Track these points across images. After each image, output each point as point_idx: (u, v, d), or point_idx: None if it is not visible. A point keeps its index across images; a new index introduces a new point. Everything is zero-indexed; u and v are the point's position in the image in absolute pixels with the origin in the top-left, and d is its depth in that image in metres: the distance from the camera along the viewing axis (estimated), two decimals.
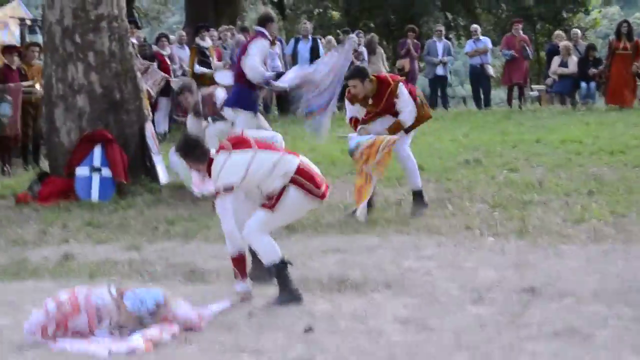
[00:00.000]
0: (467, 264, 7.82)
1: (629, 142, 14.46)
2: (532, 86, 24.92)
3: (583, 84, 20.29)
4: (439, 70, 22.20)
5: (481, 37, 22.41)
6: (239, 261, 6.86)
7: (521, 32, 22.17)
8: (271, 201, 6.80)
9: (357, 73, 9.84)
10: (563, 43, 20.96)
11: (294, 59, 21.15)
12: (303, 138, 13.98)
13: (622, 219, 9.24)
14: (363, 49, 21.48)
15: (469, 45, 22.81)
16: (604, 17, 45.99)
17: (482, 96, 22.23)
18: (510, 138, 15.22)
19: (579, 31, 23.73)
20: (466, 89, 32.12)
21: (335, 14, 35.73)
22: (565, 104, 20.67)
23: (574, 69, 20.42)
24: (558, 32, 23.59)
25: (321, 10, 35.65)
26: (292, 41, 22.13)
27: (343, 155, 13.23)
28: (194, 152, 6.96)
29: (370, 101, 9.81)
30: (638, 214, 9.40)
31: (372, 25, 33.58)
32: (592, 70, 20.09)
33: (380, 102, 9.77)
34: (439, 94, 22.74)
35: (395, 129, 9.73)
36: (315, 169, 7.01)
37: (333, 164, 13.00)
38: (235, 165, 6.73)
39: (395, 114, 9.79)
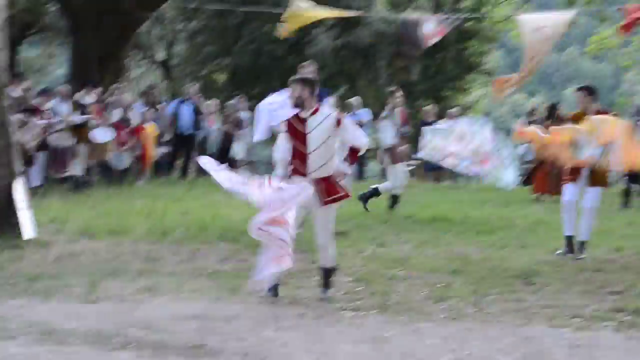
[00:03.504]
0: (326, 336, 7.83)
1: (496, 223, 14.83)
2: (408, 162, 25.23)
3: None
4: None
5: (357, 112, 22.68)
6: None
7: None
8: None
9: None
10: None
11: (175, 120, 21.18)
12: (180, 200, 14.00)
13: (483, 298, 9.40)
14: (245, 115, 21.64)
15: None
16: (485, 97, 47.15)
17: (355, 168, 22.43)
18: (381, 213, 15.43)
19: (454, 110, 24.11)
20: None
21: (221, 78, 35.81)
22: (439, 181, 21.04)
23: None
24: (427, 107, 23.91)
25: (207, 72, 35.68)
26: (174, 102, 22.10)
27: (213, 221, 13.29)
28: None
29: None
30: (499, 294, 9.58)
31: (256, 91, 33.79)
32: None
33: None
34: None
35: None
36: None
37: (204, 228, 12.98)
38: None
39: None
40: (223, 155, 21.57)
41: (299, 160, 9.15)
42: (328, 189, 9.09)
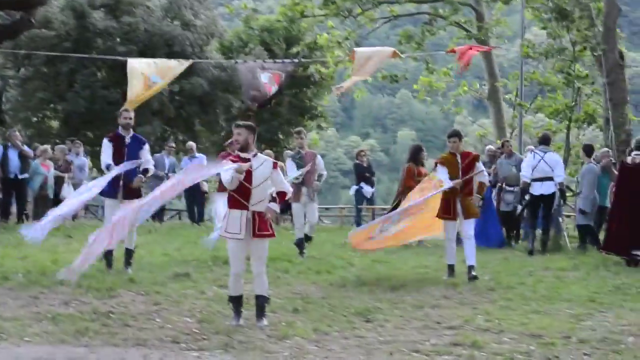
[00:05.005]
0: None
1: (335, 262, 15.09)
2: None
3: None
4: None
5: (197, 155, 22.85)
6: None
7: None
8: None
9: None
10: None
11: (2, 166, 20.81)
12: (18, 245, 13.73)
13: (324, 336, 9.55)
14: (84, 160, 21.49)
15: (184, 162, 23.16)
16: (320, 139, 47.93)
17: (196, 211, 22.54)
18: (221, 254, 15.46)
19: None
20: (182, 203, 32.35)
21: (54, 124, 35.30)
22: (278, 222, 21.22)
23: None
24: (267, 151, 24.16)
25: (40, 118, 35.13)
26: (0, 148, 21.58)
27: (54, 265, 13.09)
28: None
29: None
30: (339, 332, 9.76)
31: (91, 135, 33.49)
32: None
33: None
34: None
35: None
36: None
37: (44, 272, 12.79)
38: None
39: None
40: (55, 198, 21.43)
41: (241, 194, 9.99)
42: (260, 225, 10.02)
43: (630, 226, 15.42)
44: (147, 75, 18.72)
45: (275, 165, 10.17)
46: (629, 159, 16.26)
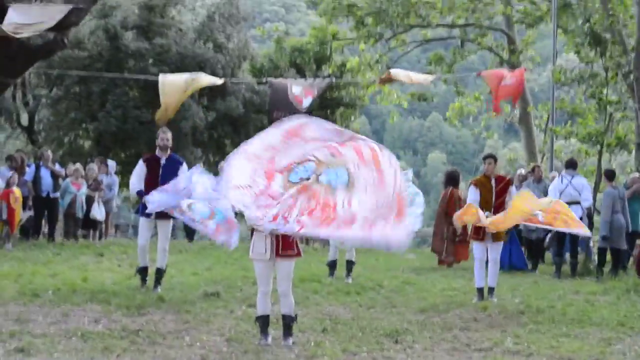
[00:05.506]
0: None
1: (365, 283, 15.10)
2: None
3: None
4: None
5: None
6: None
7: None
8: None
9: None
10: None
11: (35, 185, 21.01)
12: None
13: (353, 357, 9.55)
14: (114, 179, 21.67)
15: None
16: None
17: None
18: (251, 274, 15.51)
19: None
20: None
21: (87, 143, 35.49)
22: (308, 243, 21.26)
23: None
24: None
25: (72, 137, 35.32)
26: (32, 167, 21.77)
27: (84, 283, 13.20)
28: None
29: None
30: (368, 352, 9.76)
31: (123, 155, 33.65)
32: None
33: None
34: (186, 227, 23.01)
35: None
36: None
37: (74, 290, 12.89)
38: None
39: None
40: (86, 217, 21.65)
41: None
42: (284, 245, 10.00)
43: None
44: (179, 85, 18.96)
45: None
46: None
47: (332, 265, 16.14)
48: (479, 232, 13.86)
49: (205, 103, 34.42)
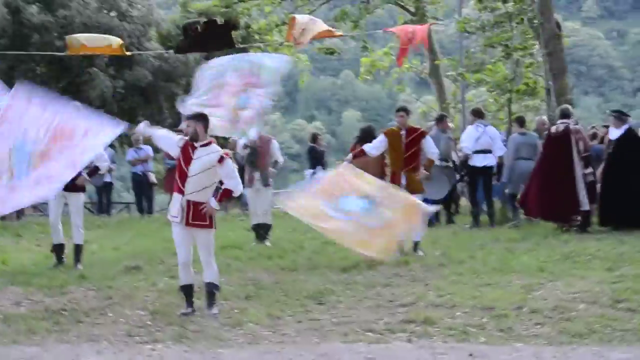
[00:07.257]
0: None
1: (286, 246, 15.11)
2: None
3: None
4: (107, 177, 21.98)
5: (142, 146, 22.52)
6: None
7: None
8: None
9: None
10: None
11: None
12: None
13: (278, 321, 9.60)
14: None
15: (129, 154, 22.94)
16: (266, 124, 47.54)
17: (145, 203, 22.42)
18: (171, 245, 15.39)
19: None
20: (131, 195, 32.15)
21: None
22: (227, 210, 21.19)
23: None
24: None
25: None
26: None
27: (3, 265, 12.99)
28: None
29: None
30: (292, 316, 9.81)
31: None
32: None
33: None
34: (104, 200, 22.76)
35: None
36: None
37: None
38: None
39: None
40: None
41: (179, 178, 10.07)
42: (194, 215, 9.96)
43: (550, 193, 15.58)
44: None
45: (220, 160, 9.94)
46: (553, 128, 16.33)
47: (256, 229, 16.09)
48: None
49: (112, 72, 33.96)
